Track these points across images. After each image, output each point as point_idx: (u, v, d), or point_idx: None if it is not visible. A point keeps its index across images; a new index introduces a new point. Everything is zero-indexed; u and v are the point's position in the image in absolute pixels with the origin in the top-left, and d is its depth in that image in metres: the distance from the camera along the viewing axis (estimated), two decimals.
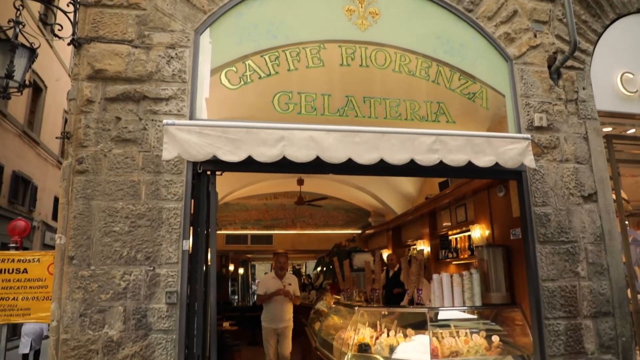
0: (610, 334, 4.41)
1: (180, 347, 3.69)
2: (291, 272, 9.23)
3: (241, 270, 17.98)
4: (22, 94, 4.03)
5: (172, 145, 3.37)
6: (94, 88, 3.95)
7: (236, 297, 17.32)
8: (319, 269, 12.15)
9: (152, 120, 3.98)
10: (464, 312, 4.95)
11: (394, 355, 4.55)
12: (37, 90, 14.64)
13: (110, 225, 3.79)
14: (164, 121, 3.45)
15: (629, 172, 6.01)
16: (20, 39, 4.02)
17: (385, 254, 9.12)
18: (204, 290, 3.90)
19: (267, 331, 6.73)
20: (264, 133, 3.47)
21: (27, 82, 4.03)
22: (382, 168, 3.88)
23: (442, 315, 4.91)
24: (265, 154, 3.43)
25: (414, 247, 8.98)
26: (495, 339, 4.56)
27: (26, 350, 8.84)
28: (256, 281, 21.86)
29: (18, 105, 13.10)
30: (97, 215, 3.79)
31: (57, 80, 15.51)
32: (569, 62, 4.90)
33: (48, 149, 15.80)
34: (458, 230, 7.18)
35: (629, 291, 4.71)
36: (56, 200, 3.93)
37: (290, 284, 6.82)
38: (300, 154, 3.45)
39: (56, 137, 3.80)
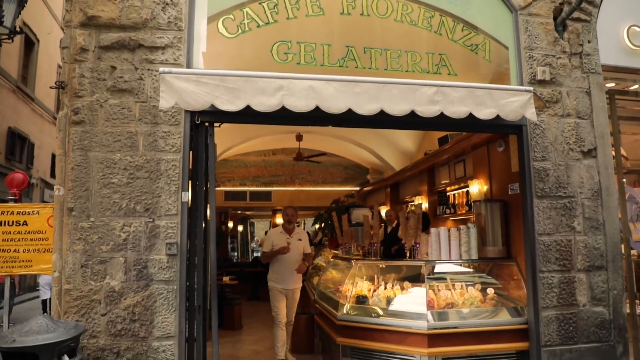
0: (602, 287, 4.50)
1: (181, 298, 3.76)
2: None
3: (240, 228, 18.16)
4: (12, 41, 3.92)
5: (169, 94, 3.31)
6: (87, 36, 3.85)
7: (236, 253, 17.58)
8: (317, 225, 12.25)
9: (149, 69, 3.90)
10: (460, 265, 5.03)
11: (391, 307, 4.65)
12: (30, 43, 14.31)
13: (109, 176, 3.78)
14: (161, 69, 3.37)
15: (629, 129, 5.97)
16: None
17: (384, 210, 9.18)
18: (203, 245, 3.93)
19: (274, 292, 5.88)
20: (263, 82, 3.40)
21: (17, 29, 3.91)
22: (382, 121, 3.85)
23: (439, 268, 4.99)
24: (264, 103, 3.38)
25: (412, 203, 9.04)
26: (490, 291, 4.65)
27: (45, 297, 9.14)
28: (255, 239, 22.10)
29: (10, 59, 12.83)
30: (95, 166, 3.77)
31: (49, 33, 15.13)
32: (575, 14, 4.77)
33: (43, 105, 15.60)
34: (456, 186, 7.21)
35: (622, 246, 4.77)
36: (54, 157, 3.90)
37: (300, 239, 6.08)
38: (300, 104, 3.40)
39: (50, 87, 3.72)
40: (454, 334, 4.31)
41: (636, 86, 5.45)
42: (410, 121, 3.87)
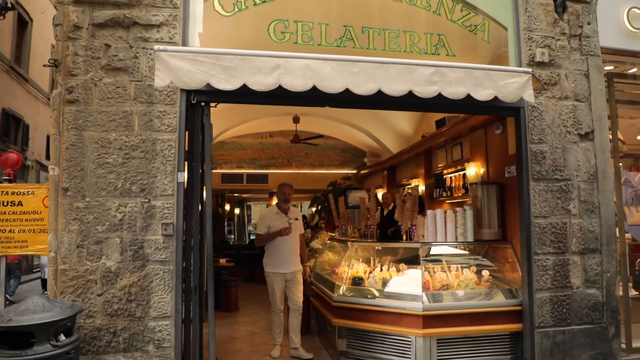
0: (596, 269, 4.53)
1: (177, 279, 3.76)
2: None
3: (237, 211, 18.19)
4: (4, 17, 3.84)
5: (164, 72, 3.27)
6: (80, 13, 3.78)
7: (232, 236, 17.63)
8: (313, 208, 12.26)
9: (143, 48, 3.84)
10: (456, 247, 5.06)
11: (387, 289, 4.68)
12: (23, 23, 14.09)
13: (104, 156, 3.75)
14: (156, 47, 3.33)
15: (627, 113, 5.95)
16: None
17: (380, 193, 9.19)
18: (199, 227, 3.92)
19: (273, 278, 5.37)
20: (259, 61, 3.36)
21: (8, 5, 3.83)
22: (379, 101, 3.81)
23: (435, 250, 5.02)
24: (261, 82, 3.35)
25: (409, 186, 9.04)
26: (485, 273, 4.69)
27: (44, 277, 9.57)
28: (252, 222, 22.13)
29: (3, 39, 12.65)
30: (90, 146, 3.74)
31: (43, 12, 14.87)
32: None
33: (38, 86, 15.43)
34: (453, 169, 7.21)
35: (617, 230, 4.79)
36: (49, 139, 3.86)
37: (296, 219, 5.61)
38: (297, 83, 3.37)
39: (44, 65, 3.67)
40: (448, 315, 4.34)
41: (635, 69, 5.42)
42: (408, 102, 3.84)
